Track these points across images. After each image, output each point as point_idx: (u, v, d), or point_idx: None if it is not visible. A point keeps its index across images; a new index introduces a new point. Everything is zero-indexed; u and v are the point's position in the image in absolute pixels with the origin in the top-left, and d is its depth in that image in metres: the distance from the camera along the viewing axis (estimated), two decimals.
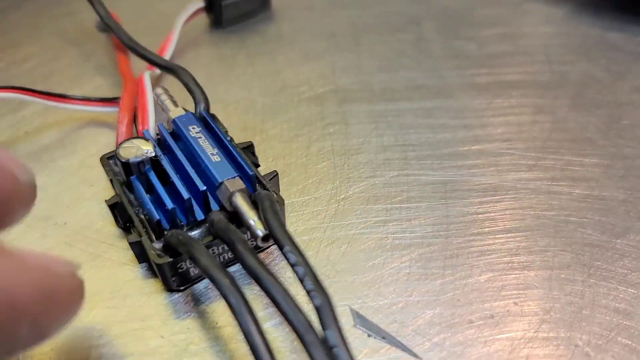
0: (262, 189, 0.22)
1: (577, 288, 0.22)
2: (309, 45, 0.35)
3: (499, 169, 0.26)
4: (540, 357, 0.20)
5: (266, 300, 0.19)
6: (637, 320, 0.21)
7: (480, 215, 0.24)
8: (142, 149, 0.22)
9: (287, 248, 0.19)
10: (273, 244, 0.21)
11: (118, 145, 0.23)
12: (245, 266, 0.18)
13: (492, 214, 0.24)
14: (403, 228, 0.24)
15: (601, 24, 0.35)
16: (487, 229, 0.24)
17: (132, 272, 0.23)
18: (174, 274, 0.21)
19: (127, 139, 0.23)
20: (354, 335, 0.20)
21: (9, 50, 0.35)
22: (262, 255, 0.23)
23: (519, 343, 0.20)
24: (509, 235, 0.24)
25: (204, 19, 0.36)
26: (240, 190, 0.21)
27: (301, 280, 0.18)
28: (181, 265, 0.21)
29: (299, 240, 0.19)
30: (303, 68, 0.33)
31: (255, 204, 0.21)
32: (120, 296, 0.22)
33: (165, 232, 0.21)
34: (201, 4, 0.35)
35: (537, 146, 0.27)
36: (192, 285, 0.22)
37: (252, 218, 0.20)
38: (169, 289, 0.22)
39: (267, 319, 0.21)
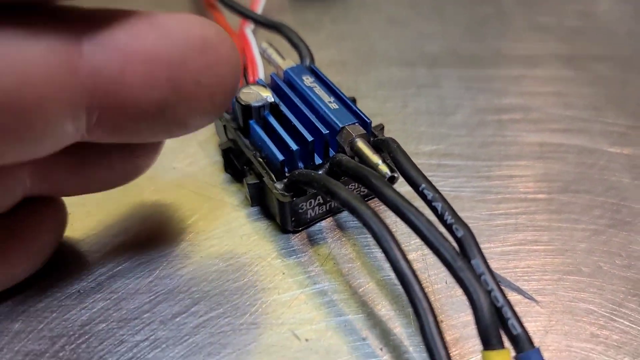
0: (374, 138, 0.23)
1: None
2: (393, 12, 0.35)
3: (592, 134, 0.27)
4: None
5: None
6: None
7: (578, 175, 0.25)
8: (262, 95, 0.23)
9: (423, 186, 0.19)
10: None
11: (237, 90, 0.23)
12: (386, 199, 0.19)
13: (591, 175, 0.25)
14: (505, 183, 0.25)
15: None
16: (586, 187, 0.25)
17: (245, 214, 0.24)
18: (293, 215, 0.22)
19: (246, 86, 0.24)
20: None
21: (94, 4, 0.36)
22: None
23: (628, 291, 0.21)
24: (608, 194, 0.24)
25: None
26: (361, 136, 0.22)
27: (441, 216, 0.19)
28: (302, 205, 0.22)
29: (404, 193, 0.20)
30: (389, 33, 0.34)
31: (375, 149, 0.22)
32: (237, 235, 0.23)
33: (288, 173, 0.22)
34: None
35: (627, 115, 0.28)
36: (306, 227, 0.23)
37: (376, 161, 0.21)
38: (285, 230, 0.23)
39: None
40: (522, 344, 0.16)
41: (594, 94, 0.30)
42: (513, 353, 0.16)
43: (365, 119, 0.23)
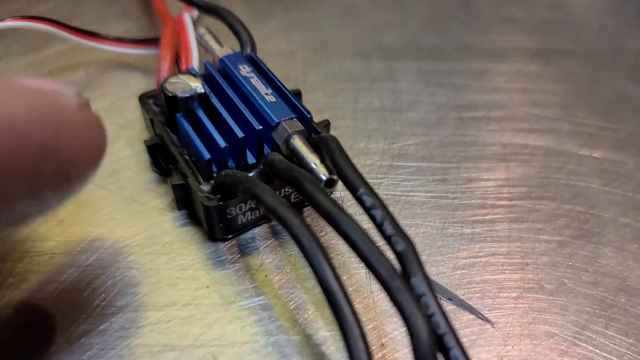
0: (316, 135, 0.21)
1: None
2: (349, 1, 0.33)
3: (560, 135, 0.25)
4: (619, 325, 0.18)
5: None
6: None
7: (543, 180, 0.23)
8: (191, 85, 0.20)
9: (361, 191, 0.17)
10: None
11: (164, 80, 0.21)
12: (318, 206, 0.16)
13: (557, 179, 0.23)
14: (463, 188, 0.22)
15: None
16: (551, 194, 0.22)
17: (171, 219, 0.21)
18: (221, 220, 0.19)
19: (174, 75, 0.21)
20: None
21: None
22: None
23: (594, 311, 0.19)
24: (575, 201, 0.22)
25: None
26: (299, 132, 0.19)
27: (380, 226, 0.16)
28: (230, 210, 0.19)
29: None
30: (344, 23, 0.31)
31: (315, 148, 0.19)
32: (159, 243, 0.20)
33: (216, 174, 0.19)
34: None
35: (598, 115, 0.26)
36: (237, 235, 0.21)
37: (313, 161, 0.19)
38: (213, 237, 0.20)
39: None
40: None
41: (562, 92, 0.27)
42: None
43: (305, 113, 0.20)
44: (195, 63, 0.23)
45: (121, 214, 0.21)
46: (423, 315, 0.14)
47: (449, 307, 0.19)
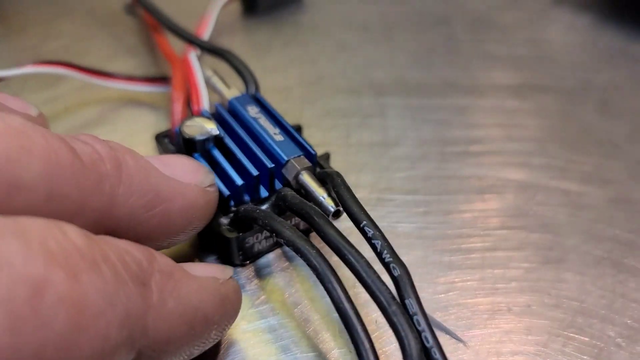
0: (320, 169, 0.23)
1: (608, 282, 0.23)
2: (343, 37, 0.36)
3: (532, 168, 0.28)
4: (576, 344, 0.21)
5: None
6: None
7: (514, 210, 0.26)
8: (206, 128, 0.23)
9: (364, 222, 0.20)
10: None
11: (180, 123, 0.23)
12: (326, 238, 0.19)
13: (527, 210, 0.26)
14: (443, 219, 0.25)
15: (624, 34, 0.37)
16: (522, 224, 0.25)
17: (186, 248, 0.24)
18: (239, 249, 0.22)
19: (189, 118, 0.23)
20: None
21: (41, 27, 0.35)
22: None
23: (555, 332, 0.21)
24: (543, 230, 0.25)
25: (236, 6, 0.37)
26: (307, 169, 0.22)
27: (380, 254, 0.19)
28: (248, 240, 0.22)
29: (342, 226, 0.20)
30: (338, 59, 0.34)
31: (321, 182, 0.22)
32: None
33: (233, 208, 0.22)
34: None
35: (567, 148, 0.29)
36: (254, 260, 0.23)
37: (321, 195, 0.21)
38: (232, 264, 0.23)
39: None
40: None
41: (536, 126, 0.30)
42: None
43: (311, 150, 0.23)
44: (205, 104, 0.26)
45: None
46: (415, 336, 0.17)
47: None
